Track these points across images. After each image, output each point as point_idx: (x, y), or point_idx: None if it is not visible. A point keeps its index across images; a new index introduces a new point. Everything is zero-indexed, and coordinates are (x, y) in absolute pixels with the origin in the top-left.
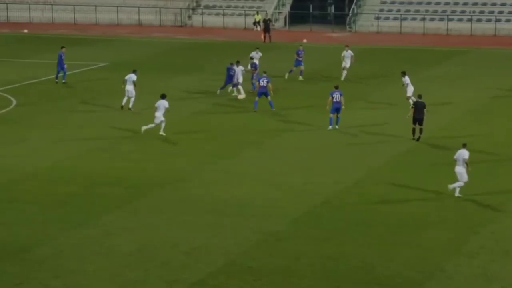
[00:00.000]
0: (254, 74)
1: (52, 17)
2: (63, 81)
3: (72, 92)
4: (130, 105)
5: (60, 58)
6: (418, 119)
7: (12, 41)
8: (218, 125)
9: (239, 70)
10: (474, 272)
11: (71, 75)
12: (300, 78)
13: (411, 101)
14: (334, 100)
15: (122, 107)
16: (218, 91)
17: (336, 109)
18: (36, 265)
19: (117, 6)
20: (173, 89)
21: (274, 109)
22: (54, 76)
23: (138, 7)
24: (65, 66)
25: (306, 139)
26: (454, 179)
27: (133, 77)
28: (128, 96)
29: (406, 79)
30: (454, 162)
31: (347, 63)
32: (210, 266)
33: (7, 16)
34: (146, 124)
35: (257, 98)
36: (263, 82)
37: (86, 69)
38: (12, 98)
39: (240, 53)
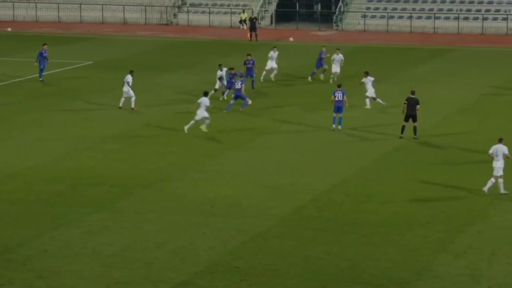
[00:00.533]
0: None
1: (36, 15)
2: (40, 79)
3: (57, 91)
4: (132, 105)
5: (41, 55)
6: (410, 115)
7: None
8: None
9: (223, 73)
10: (462, 271)
11: (56, 74)
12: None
13: (367, 101)
14: (336, 99)
15: (119, 107)
16: (221, 97)
17: (338, 108)
18: (20, 266)
19: (102, 4)
20: (159, 87)
21: (242, 109)
22: (38, 75)
23: (123, 5)
24: (45, 63)
25: (293, 139)
26: (444, 178)
27: (128, 77)
28: (124, 97)
29: (368, 79)
30: (441, 162)
31: (337, 68)
32: (196, 266)
33: None
34: (188, 124)
35: (232, 101)
36: (238, 85)
37: (70, 68)
38: None
39: (226, 51)
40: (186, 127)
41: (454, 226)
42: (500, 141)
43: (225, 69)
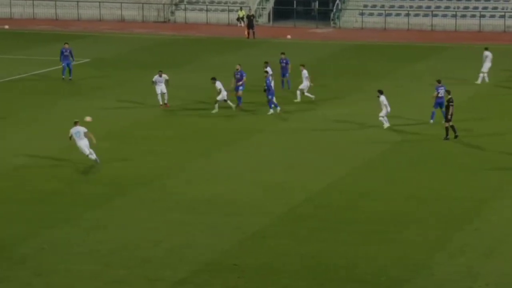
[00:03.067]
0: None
1: (33, 12)
2: (69, 77)
3: (53, 89)
4: (165, 101)
5: (62, 54)
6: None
7: None
8: (199, 123)
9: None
10: (459, 269)
11: (53, 72)
12: None
13: (298, 92)
14: (439, 95)
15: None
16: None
17: (440, 104)
18: (17, 264)
19: (99, 2)
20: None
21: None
22: (36, 72)
23: (121, 2)
24: (70, 61)
25: (288, 137)
26: (440, 177)
27: (157, 78)
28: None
29: (305, 73)
30: (438, 160)
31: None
32: (193, 264)
33: None
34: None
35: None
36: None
37: None
38: None
39: (223, 49)
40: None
41: (451, 224)
42: None
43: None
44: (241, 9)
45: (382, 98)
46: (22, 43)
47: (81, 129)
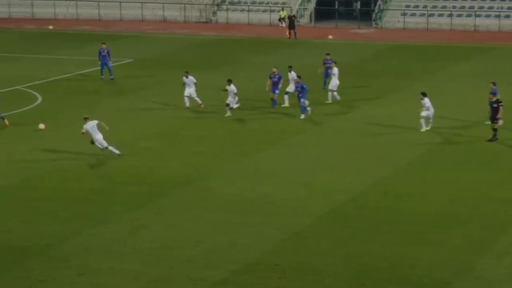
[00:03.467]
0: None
1: (76, 13)
2: (111, 77)
3: (97, 88)
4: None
5: (100, 54)
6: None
7: (38, 37)
8: (242, 123)
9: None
10: (504, 271)
11: (96, 72)
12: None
13: (331, 94)
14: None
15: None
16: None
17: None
18: (61, 263)
19: (142, 2)
20: (197, 85)
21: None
22: (80, 72)
23: (163, 3)
24: (109, 62)
25: (329, 138)
26: (485, 179)
27: (186, 79)
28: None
29: (335, 70)
30: (481, 161)
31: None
32: (235, 264)
33: (32, 12)
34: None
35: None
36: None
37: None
38: (37, 94)
39: (265, 49)
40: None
41: (496, 226)
42: None
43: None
44: (282, 9)
45: (426, 100)
46: (65, 43)
47: (95, 123)
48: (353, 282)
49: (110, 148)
